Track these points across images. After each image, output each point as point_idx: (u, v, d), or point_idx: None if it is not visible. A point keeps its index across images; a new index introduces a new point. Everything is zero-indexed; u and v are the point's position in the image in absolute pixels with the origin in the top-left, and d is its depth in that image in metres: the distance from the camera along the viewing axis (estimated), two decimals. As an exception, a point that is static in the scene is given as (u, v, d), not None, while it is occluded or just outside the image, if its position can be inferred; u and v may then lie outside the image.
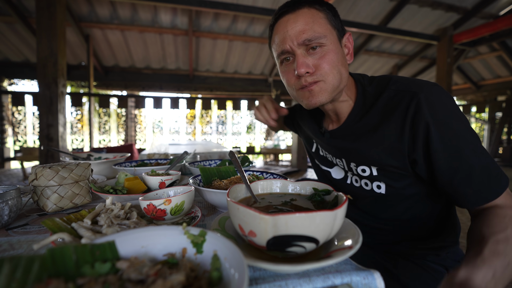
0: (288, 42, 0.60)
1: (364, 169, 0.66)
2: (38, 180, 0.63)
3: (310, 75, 0.60)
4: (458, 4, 4.90)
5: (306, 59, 0.59)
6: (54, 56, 3.00)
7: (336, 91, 0.63)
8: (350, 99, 0.68)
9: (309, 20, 0.59)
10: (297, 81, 0.63)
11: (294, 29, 0.59)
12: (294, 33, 0.59)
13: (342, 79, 0.62)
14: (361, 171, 0.67)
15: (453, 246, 0.69)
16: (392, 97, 0.60)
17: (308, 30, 0.58)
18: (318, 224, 0.34)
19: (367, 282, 0.36)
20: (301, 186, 0.53)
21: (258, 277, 0.35)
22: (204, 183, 0.77)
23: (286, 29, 0.60)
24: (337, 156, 0.73)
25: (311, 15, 0.59)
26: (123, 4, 4.52)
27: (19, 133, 5.33)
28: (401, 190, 0.64)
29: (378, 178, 0.65)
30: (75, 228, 0.44)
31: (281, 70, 0.67)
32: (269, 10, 4.26)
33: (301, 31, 0.59)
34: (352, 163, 0.68)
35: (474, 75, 7.77)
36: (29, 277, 0.26)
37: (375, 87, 0.65)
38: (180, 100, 6.00)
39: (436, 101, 0.54)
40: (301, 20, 0.59)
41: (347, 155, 0.69)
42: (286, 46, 0.61)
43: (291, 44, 0.60)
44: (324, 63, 0.59)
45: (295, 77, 0.62)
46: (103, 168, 1.03)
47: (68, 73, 5.82)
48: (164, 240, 0.34)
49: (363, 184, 0.69)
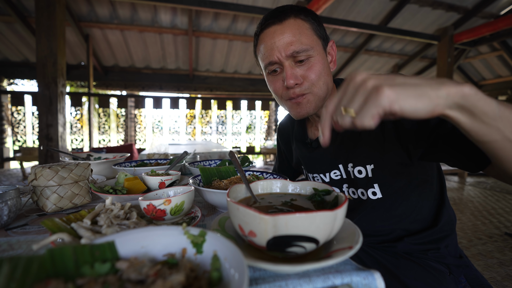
0: (275, 53, 0.61)
1: (361, 170, 0.67)
2: (37, 180, 0.63)
3: (299, 86, 0.62)
4: (459, 4, 4.90)
5: (294, 70, 0.61)
6: (53, 56, 3.00)
7: (322, 101, 0.65)
8: None
9: (296, 32, 0.60)
10: (285, 92, 0.64)
11: (281, 41, 0.60)
12: (281, 44, 0.60)
13: (328, 89, 0.65)
14: (357, 173, 0.68)
15: (451, 234, 0.70)
16: None
17: (296, 42, 0.59)
18: (318, 224, 0.34)
19: (367, 282, 0.36)
20: (301, 186, 0.53)
21: (258, 277, 0.35)
22: (204, 183, 0.77)
23: (273, 40, 0.61)
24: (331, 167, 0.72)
25: (297, 26, 0.60)
26: (122, 4, 4.52)
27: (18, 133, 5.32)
28: (396, 187, 0.65)
29: (373, 180, 0.66)
30: (75, 228, 0.44)
31: (269, 79, 0.68)
32: (269, 10, 4.25)
33: (289, 43, 0.59)
34: (350, 164, 0.69)
35: (475, 75, 7.77)
36: (29, 277, 0.26)
37: None
38: (180, 100, 6.01)
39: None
40: (288, 31, 0.60)
41: (342, 157, 0.69)
42: (274, 58, 0.61)
43: (279, 55, 0.61)
44: (311, 74, 0.61)
45: (283, 87, 0.64)
46: (102, 168, 1.03)
47: (67, 73, 5.82)
48: (164, 240, 0.34)
49: (360, 194, 0.70)
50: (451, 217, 0.71)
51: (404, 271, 0.65)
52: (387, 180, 0.65)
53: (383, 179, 0.65)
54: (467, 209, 3.12)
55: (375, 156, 0.64)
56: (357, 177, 0.68)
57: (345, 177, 0.72)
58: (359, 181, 0.68)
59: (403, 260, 0.68)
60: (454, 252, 0.69)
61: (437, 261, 0.67)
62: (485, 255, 1.96)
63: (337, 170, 0.72)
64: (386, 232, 0.72)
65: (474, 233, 2.37)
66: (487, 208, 3.12)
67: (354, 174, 0.69)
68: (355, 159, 0.67)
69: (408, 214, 0.68)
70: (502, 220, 2.68)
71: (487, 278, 1.65)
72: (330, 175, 0.73)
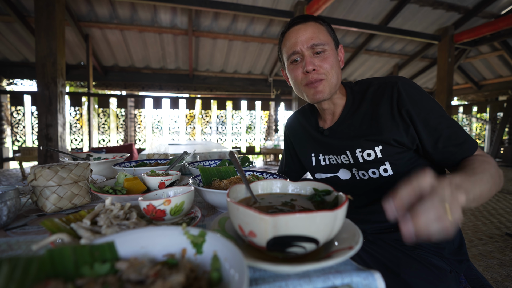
0: (299, 45, 0.76)
1: (369, 153, 0.75)
2: (37, 180, 0.63)
3: (316, 72, 0.75)
4: (459, 4, 4.90)
5: (312, 59, 0.75)
6: (53, 56, 2.99)
7: (334, 88, 0.78)
8: (343, 96, 0.83)
9: (315, 30, 0.76)
10: (304, 77, 0.77)
11: (304, 35, 0.75)
12: (304, 38, 0.75)
13: (338, 79, 0.78)
14: (366, 156, 0.75)
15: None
16: (376, 89, 0.77)
17: (315, 37, 0.75)
18: (318, 225, 0.34)
19: (367, 282, 0.36)
20: (301, 186, 0.53)
21: (258, 278, 0.35)
22: (204, 183, 0.77)
23: (298, 35, 0.76)
24: (341, 152, 0.81)
25: (317, 27, 0.77)
26: (122, 4, 4.52)
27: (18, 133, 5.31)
28: (406, 165, 0.73)
29: (382, 159, 0.73)
30: (74, 228, 0.44)
31: (290, 69, 0.81)
32: (269, 9, 4.26)
33: (310, 37, 0.75)
34: (358, 149, 0.77)
35: (475, 75, 7.77)
36: (28, 278, 0.26)
37: (359, 86, 0.83)
38: (180, 100, 6.00)
39: (410, 86, 0.72)
40: (309, 29, 0.76)
41: (351, 144, 0.78)
42: (297, 48, 0.76)
43: (301, 47, 0.75)
44: (326, 64, 0.75)
45: (303, 73, 0.77)
46: (102, 168, 1.03)
47: (67, 73, 5.82)
48: (164, 240, 0.34)
49: (371, 173, 0.77)
50: None
51: (405, 269, 0.65)
52: (396, 157, 0.73)
53: (392, 157, 0.73)
54: (467, 209, 3.12)
55: (383, 138, 0.72)
56: (366, 160, 0.76)
57: (352, 163, 0.80)
58: (369, 163, 0.76)
59: (404, 257, 0.68)
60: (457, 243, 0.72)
61: (438, 258, 0.67)
62: (485, 255, 1.95)
63: (345, 155, 0.81)
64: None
65: (475, 234, 2.37)
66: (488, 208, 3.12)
67: (363, 158, 0.76)
68: (363, 144, 0.75)
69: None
70: (502, 221, 2.68)
71: (488, 279, 1.65)
72: (341, 158, 0.82)
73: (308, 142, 0.93)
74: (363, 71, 7.42)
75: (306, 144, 0.93)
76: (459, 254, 0.70)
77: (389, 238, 0.75)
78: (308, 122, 0.94)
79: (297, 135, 0.99)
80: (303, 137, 0.95)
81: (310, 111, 0.96)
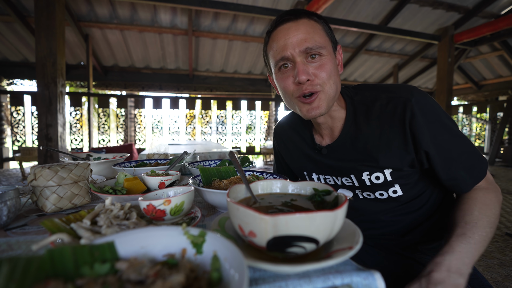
0: (289, 49, 0.61)
1: (378, 176, 0.67)
2: (37, 180, 0.63)
3: (310, 83, 0.61)
4: (459, 4, 4.90)
5: (306, 67, 0.61)
6: (53, 56, 2.99)
7: (332, 101, 0.65)
8: (341, 108, 0.70)
9: (310, 30, 0.61)
10: (297, 88, 0.63)
11: (296, 37, 0.60)
12: (296, 40, 0.60)
13: (337, 89, 0.65)
14: (375, 179, 0.67)
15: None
16: (385, 104, 0.64)
17: (310, 39, 0.60)
18: (318, 225, 0.34)
19: (367, 282, 0.36)
20: (301, 186, 0.53)
21: (258, 278, 0.35)
22: (204, 183, 0.77)
23: (288, 36, 0.61)
24: (342, 174, 0.72)
25: (311, 25, 0.62)
26: (122, 4, 4.51)
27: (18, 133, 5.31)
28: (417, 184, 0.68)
29: (393, 182, 0.66)
30: (74, 228, 0.44)
31: (278, 77, 0.67)
32: (269, 9, 4.26)
33: (303, 39, 0.60)
34: (365, 172, 0.68)
35: (475, 75, 7.77)
36: (28, 278, 0.26)
37: (361, 96, 0.69)
38: (180, 100, 6.00)
39: (425, 104, 0.61)
40: (302, 28, 0.61)
41: (356, 166, 0.68)
42: (287, 53, 0.61)
43: (292, 51, 0.61)
44: (322, 72, 0.61)
45: (294, 84, 0.63)
46: (102, 168, 1.03)
47: (67, 73, 5.81)
48: (164, 240, 0.34)
49: (378, 195, 0.69)
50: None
51: (406, 271, 0.65)
52: (407, 178, 0.66)
53: (403, 178, 0.66)
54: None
55: (394, 164, 0.64)
56: (374, 183, 0.68)
57: (357, 185, 0.71)
58: (377, 186, 0.68)
59: (405, 260, 0.68)
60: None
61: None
62: (485, 255, 1.95)
63: (348, 178, 0.71)
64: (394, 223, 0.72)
65: (474, 233, 2.37)
66: (487, 208, 3.12)
67: (371, 181, 0.68)
68: (371, 168, 0.67)
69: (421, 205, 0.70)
70: (502, 221, 2.68)
71: (488, 279, 1.65)
72: (342, 180, 0.73)
73: (300, 160, 0.81)
74: (363, 71, 7.42)
75: (298, 160, 0.82)
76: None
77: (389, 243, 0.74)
78: (300, 137, 0.81)
79: (287, 149, 0.86)
80: (295, 153, 0.83)
81: (302, 123, 0.81)
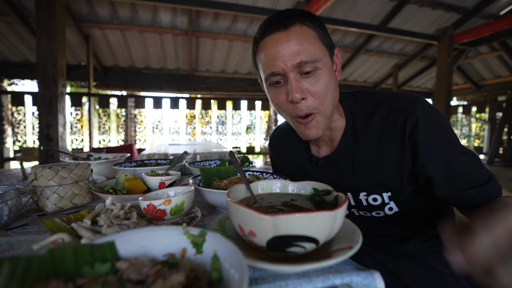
0: (279, 63, 0.54)
1: (376, 198, 0.64)
2: (37, 180, 0.63)
3: (305, 102, 0.57)
4: (458, 4, 4.90)
5: (299, 83, 0.55)
6: (53, 56, 2.99)
7: (330, 119, 0.61)
8: (340, 117, 0.67)
9: (302, 40, 0.54)
10: (291, 108, 0.58)
11: (286, 50, 0.54)
12: (286, 53, 0.54)
13: (334, 105, 0.60)
14: (372, 201, 0.65)
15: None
16: (385, 117, 0.60)
17: (303, 51, 0.53)
18: (318, 224, 0.34)
19: (367, 282, 0.36)
20: (301, 186, 0.53)
21: (258, 278, 0.35)
22: (204, 183, 0.77)
23: (278, 49, 0.54)
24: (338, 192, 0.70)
25: (303, 34, 0.55)
26: (123, 4, 4.52)
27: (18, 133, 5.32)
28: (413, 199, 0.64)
29: (389, 202, 0.65)
30: (75, 228, 0.44)
31: (270, 92, 0.61)
32: (269, 10, 4.26)
33: (295, 52, 0.53)
34: (362, 192, 0.65)
35: (475, 75, 7.77)
36: (29, 277, 0.26)
37: (360, 106, 0.65)
38: (180, 100, 6.00)
39: (428, 117, 0.56)
40: (294, 39, 0.54)
41: (353, 185, 0.66)
42: (278, 68, 0.55)
43: (283, 66, 0.54)
44: (318, 89, 0.56)
45: (288, 102, 0.58)
46: (103, 168, 1.03)
47: (67, 73, 5.82)
48: (164, 240, 0.34)
49: (374, 214, 0.68)
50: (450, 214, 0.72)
51: (406, 272, 0.65)
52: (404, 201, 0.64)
53: (401, 201, 0.64)
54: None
55: (394, 186, 0.61)
56: (371, 204, 0.65)
57: (353, 204, 0.69)
58: (373, 207, 0.66)
59: (405, 260, 0.68)
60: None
61: (438, 261, 0.67)
62: (485, 255, 1.95)
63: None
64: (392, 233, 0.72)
65: (474, 233, 2.36)
66: (487, 208, 3.12)
67: (368, 202, 0.66)
68: (369, 189, 0.64)
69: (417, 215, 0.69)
70: (502, 220, 2.68)
71: (487, 278, 1.65)
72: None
73: (295, 172, 0.79)
74: (363, 71, 7.42)
75: (293, 173, 0.80)
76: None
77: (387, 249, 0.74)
78: (296, 147, 0.78)
79: (283, 161, 0.83)
80: (291, 166, 0.81)
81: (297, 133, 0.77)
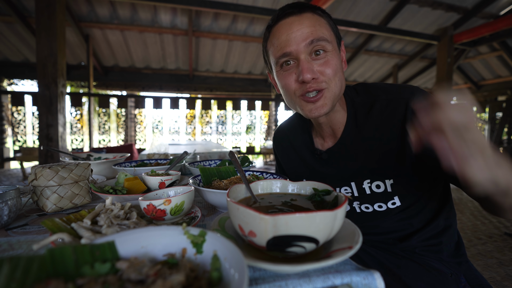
0: (292, 44, 0.58)
1: (379, 184, 0.65)
2: (37, 180, 0.63)
3: (315, 81, 0.59)
4: (458, 4, 4.90)
5: (310, 64, 0.58)
6: (53, 56, 2.99)
7: (336, 100, 0.63)
8: (342, 109, 0.68)
9: (315, 23, 0.59)
10: (300, 87, 0.61)
11: (299, 31, 0.57)
12: (299, 35, 0.57)
13: (342, 87, 0.62)
14: (375, 188, 0.66)
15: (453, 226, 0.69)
16: (385, 105, 0.62)
17: (315, 31, 0.58)
18: (318, 224, 0.34)
19: (367, 282, 0.36)
20: (301, 186, 0.53)
21: (258, 277, 0.35)
22: (204, 183, 0.77)
23: (291, 31, 0.58)
24: (341, 183, 0.70)
25: (315, 19, 0.59)
26: (123, 4, 4.52)
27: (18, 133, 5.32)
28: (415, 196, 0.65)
29: (392, 194, 0.64)
30: (75, 228, 0.44)
31: (279, 74, 0.64)
32: (269, 10, 4.26)
33: (308, 33, 0.57)
34: (366, 180, 0.66)
35: (474, 75, 7.77)
36: (29, 277, 0.26)
37: (362, 97, 0.67)
38: (180, 100, 6.00)
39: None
40: (306, 22, 0.58)
41: (357, 173, 0.67)
42: (290, 49, 0.58)
43: (295, 46, 0.58)
44: (328, 69, 0.59)
45: (297, 82, 0.60)
46: (102, 168, 1.03)
47: (67, 73, 5.82)
48: (164, 240, 0.34)
49: (377, 207, 0.68)
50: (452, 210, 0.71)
51: (406, 272, 0.65)
52: (407, 192, 0.64)
53: (403, 192, 0.64)
54: (466, 209, 3.12)
55: (395, 171, 0.62)
56: (374, 192, 0.66)
57: (356, 195, 0.69)
58: (376, 195, 0.66)
59: (405, 260, 0.68)
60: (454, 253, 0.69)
61: (438, 261, 0.67)
62: (484, 255, 1.96)
63: (348, 187, 0.69)
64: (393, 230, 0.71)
65: (474, 233, 2.37)
66: (487, 208, 3.12)
67: (371, 190, 0.66)
68: (372, 175, 0.65)
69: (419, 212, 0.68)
70: (501, 220, 2.68)
71: (487, 278, 1.65)
72: (341, 190, 0.71)
73: (299, 168, 0.79)
74: (363, 71, 7.42)
75: (296, 168, 0.81)
76: (458, 256, 0.69)
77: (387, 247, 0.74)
78: (300, 141, 0.79)
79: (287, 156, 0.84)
80: (294, 160, 0.82)
81: (301, 128, 0.80)
